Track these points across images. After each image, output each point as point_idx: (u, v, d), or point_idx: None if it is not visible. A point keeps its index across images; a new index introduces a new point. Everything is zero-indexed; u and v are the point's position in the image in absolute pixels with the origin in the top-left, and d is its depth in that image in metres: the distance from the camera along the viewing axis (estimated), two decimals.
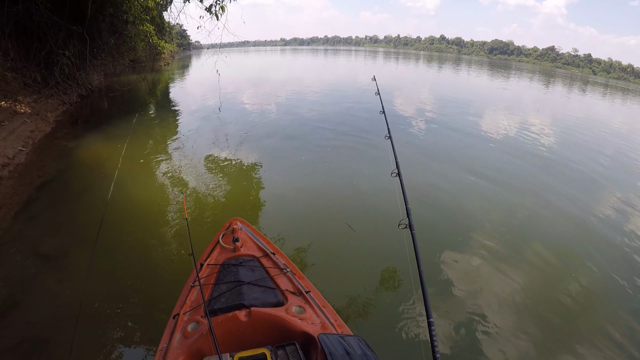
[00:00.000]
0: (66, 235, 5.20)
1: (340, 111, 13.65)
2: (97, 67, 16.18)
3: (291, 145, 9.41)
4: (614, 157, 11.11)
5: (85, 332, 3.49)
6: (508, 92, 27.61)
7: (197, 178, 7.14)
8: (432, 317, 2.13)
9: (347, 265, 4.73)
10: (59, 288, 4.13)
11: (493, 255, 5.08)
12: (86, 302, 3.84)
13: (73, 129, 10.25)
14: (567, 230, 6.11)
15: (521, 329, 3.87)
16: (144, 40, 19.02)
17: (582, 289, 4.64)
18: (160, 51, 25.12)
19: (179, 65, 37.03)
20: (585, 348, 3.71)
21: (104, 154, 8.13)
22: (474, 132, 11.98)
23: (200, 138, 9.94)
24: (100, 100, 14.86)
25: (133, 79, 18.99)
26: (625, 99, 36.65)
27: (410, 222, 2.71)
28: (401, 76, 33.75)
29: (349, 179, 7.34)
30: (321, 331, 2.44)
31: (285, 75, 30.14)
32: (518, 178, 8.08)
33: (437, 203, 6.54)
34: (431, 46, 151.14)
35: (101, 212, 5.59)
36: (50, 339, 3.47)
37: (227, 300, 2.68)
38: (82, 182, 6.89)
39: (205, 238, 4.26)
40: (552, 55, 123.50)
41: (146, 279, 4.34)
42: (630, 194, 7.98)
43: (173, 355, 2.31)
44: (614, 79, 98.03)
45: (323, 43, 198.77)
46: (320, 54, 75.68)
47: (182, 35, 64.03)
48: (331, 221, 5.80)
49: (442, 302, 4.15)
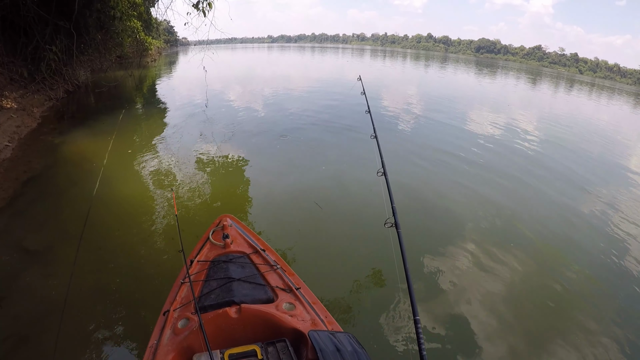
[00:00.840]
0: (52, 231, 5.19)
1: (327, 110, 13.60)
2: (84, 63, 15.99)
3: (278, 143, 9.40)
4: (599, 155, 11.30)
5: (71, 328, 3.48)
6: (493, 90, 27.84)
7: (185, 174, 7.13)
8: (418, 314, 2.14)
9: (337, 263, 4.76)
10: (44, 283, 4.12)
11: (478, 252, 5.15)
12: (72, 298, 3.82)
13: (59, 124, 10.14)
14: (551, 225, 6.22)
15: (506, 324, 3.94)
16: (131, 37, 18.77)
17: (567, 285, 4.72)
18: (148, 47, 24.79)
19: (166, 62, 36.61)
20: (569, 343, 3.79)
21: (90, 150, 8.06)
22: (459, 130, 12.09)
23: (187, 134, 9.90)
24: (87, 96, 14.69)
25: (120, 75, 18.77)
26: (611, 97, 37.23)
27: (396, 220, 2.72)
28: (387, 74, 33.84)
29: (336, 177, 7.37)
30: (311, 328, 2.45)
31: (273, 72, 30.00)
32: (502, 175, 8.20)
33: (423, 200, 6.61)
34: (418, 44, 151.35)
35: (87, 208, 5.57)
36: (36, 335, 3.45)
37: (217, 296, 2.68)
38: (68, 177, 6.85)
39: (191, 234, 4.27)
40: (539, 54, 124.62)
41: (134, 276, 4.32)
42: (615, 191, 8.13)
43: (163, 352, 2.32)
44: (601, 78, 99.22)
45: (310, 40, 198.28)
46: (307, 52, 75.40)
47: (169, 31, 63.38)
48: (319, 220, 5.82)
49: (429, 299, 4.20)
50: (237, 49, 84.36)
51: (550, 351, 3.68)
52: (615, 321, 4.18)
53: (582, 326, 4.07)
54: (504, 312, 4.12)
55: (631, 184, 8.91)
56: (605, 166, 10.37)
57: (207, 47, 14.92)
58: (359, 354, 2.18)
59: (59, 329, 3.40)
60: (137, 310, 3.81)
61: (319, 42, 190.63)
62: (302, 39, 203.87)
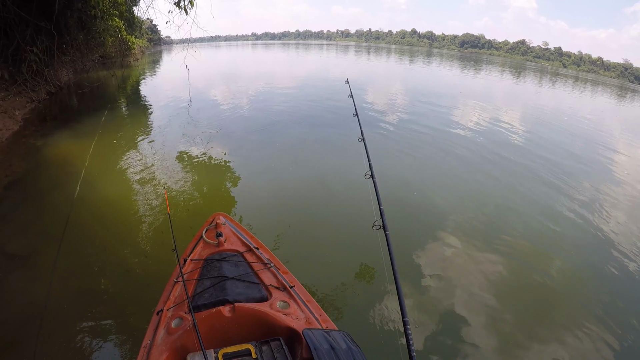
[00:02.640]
0: (34, 235, 5.12)
1: (314, 110, 13.50)
2: (66, 64, 15.69)
3: (263, 143, 9.34)
4: (582, 148, 11.50)
5: (58, 332, 3.46)
6: (478, 84, 28.08)
7: (170, 173, 7.11)
8: (407, 316, 2.13)
9: (330, 261, 4.75)
10: (25, 288, 4.07)
11: (466, 250, 5.18)
12: (54, 302, 3.80)
13: (41, 126, 9.98)
14: (537, 220, 6.27)
15: (495, 319, 3.98)
16: (113, 36, 18.54)
17: (553, 279, 4.81)
18: (130, 47, 24.53)
19: (150, 61, 36.24)
20: (554, 338, 3.86)
21: (73, 152, 7.96)
22: (444, 125, 12.16)
23: (171, 134, 9.84)
24: (69, 97, 14.47)
25: (103, 75, 18.56)
26: (595, 90, 37.83)
27: (384, 223, 2.72)
28: (372, 70, 33.94)
29: (327, 178, 7.34)
30: (306, 326, 2.44)
31: (257, 70, 29.82)
32: (487, 170, 8.30)
33: (411, 200, 6.62)
34: (402, 40, 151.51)
35: (69, 211, 5.51)
36: (17, 342, 3.40)
37: (210, 295, 2.67)
38: (50, 180, 6.74)
39: (181, 233, 4.22)
40: (523, 48, 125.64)
41: (125, 276, 4.29)
42: (599, 183, 8.25)
43: (157, 352, 2.29)
44: (584, 72, 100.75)
45: (295, 37, 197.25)
46: (291, 49, 75.09)
47: (152, 30, 62.61)
48: (312, 219, 5.85)
49: (419, 298, 4.22)
50: (221, 47, 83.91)
51: (537, 349, 3.71)
52: (600, 313, 4.24)
53: (569, 320, 4.13)
54: (493, 308, 4.16)
55: (615, 177, 9.07)
56: (589, 158, 10.54)
57: (191, 45, 14.80)
58: (353, 352, 2.17)
59: (37, 335, 3.37)
60: (131, 311, 3.78)
61: (303, 39, 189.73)
62: (286, 36, 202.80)
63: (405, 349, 2.02)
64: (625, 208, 7.19)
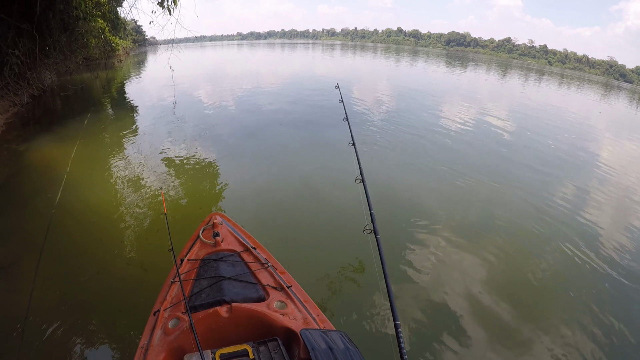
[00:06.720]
0: (16, 243, 5.02)
1: (306, 113, 13.26)
2: (49, 66, 15.44)
3: (254, 145, 9.23)
4: (568, 144, 11.64)
5: (44, 341, 3.39)
6: (464, 83, 28.28)
7: (153, 175, 7.07)
8: (398, 319, 2.13)
9: (325, 263, 4.73)
10: (6, 298, 3.99)
11: (455, 250, 5.19)
12: (35, 311, 3.70)
13: (24, 131, 9.83)
14: (525, 219, 6.30)
15: (485, 321, 3.97)
16: (96, 37, 18.30)
17: (540, 278, 4.82)
18: (114, 48, 24.27)
19: (134, 62, 35.90)
20: (542, 336, 3.88)
21: (55, 156, 7.85)
22: (432, 124, 12.27)
23: (156, 135, 9.78)
24: (53, 100, 14.31)
25: (86, 77, 18.34)
26: (581, 87, 38.36)
27: (374, 227, 2.73)
28: (359, 68, 34.03)
29: (319, 180, 7.32)
30: (303, 326, 2.43)
31: (242, 70, 29.62)
32: (476, 169, 8.32)
33: (401, 202, 6.58)
34: (388, 38, 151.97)
35: (49, 217, 5.42)
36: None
37: (207, 296, 2.65)
38: (32, 186, 6.62)
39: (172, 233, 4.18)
40: (509, 46, 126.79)
41: (121, 278, 4.28)
42: (586, 179, 8.36)
43: (154, 353, 2.28)
44: (570, 69, 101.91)
45: (280, 37, 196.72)
46: (277, 48, 74.86)
47: (137, 31, 61.96)
48: (308, 220, 5.86)
49: (410, 299, 4.21)
50: (206, 47, 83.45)
51: (525, 347, 3.73)
52: (586, 309, 4.28)
53: (556, 317, 4.17)
54: (483, 307, 4.18)
55: (600, 173, 9.21)
56: (575, 154, 10.71)
57: (175, 46, 14.71)
58: (351, 352, 2.17)
59: (20, 345, 3.33)
60: (127, 312, 3.75)
61: (288, 38, 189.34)
62: (271, 35, 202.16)
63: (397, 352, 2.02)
64: (611, 204, 7.31)
